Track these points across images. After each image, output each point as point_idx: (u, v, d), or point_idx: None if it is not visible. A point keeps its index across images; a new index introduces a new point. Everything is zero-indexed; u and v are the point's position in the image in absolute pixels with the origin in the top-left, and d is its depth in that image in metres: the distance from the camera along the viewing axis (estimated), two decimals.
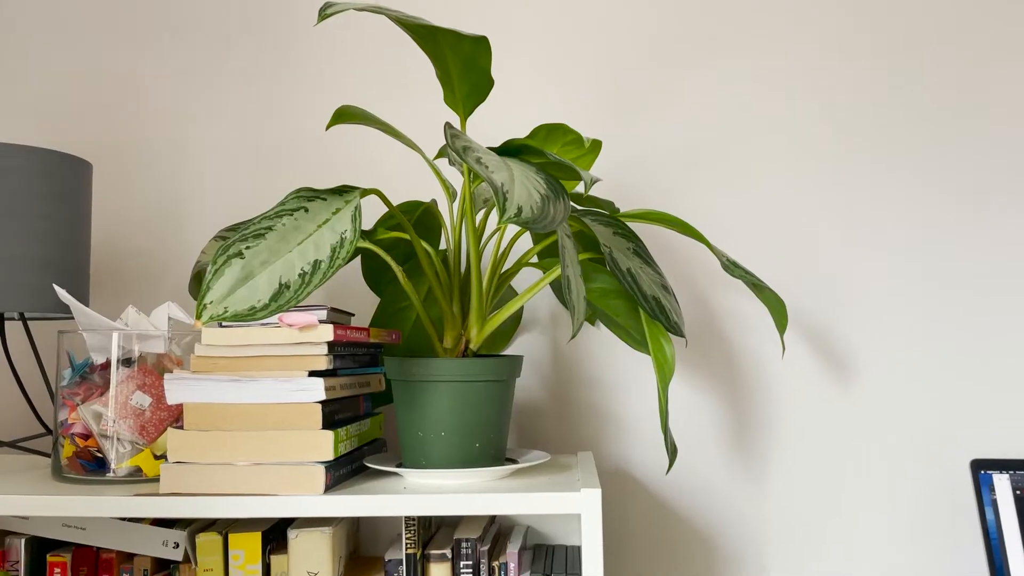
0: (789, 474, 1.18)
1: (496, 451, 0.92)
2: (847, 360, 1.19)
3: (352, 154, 1.25)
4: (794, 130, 1.22)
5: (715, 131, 1.22)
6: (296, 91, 1.26)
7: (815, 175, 1.21)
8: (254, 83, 1.26)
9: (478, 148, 0.79)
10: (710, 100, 1.23)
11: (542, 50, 1.25)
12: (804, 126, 1.22)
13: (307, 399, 0.85)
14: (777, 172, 1.22)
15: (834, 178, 1.21)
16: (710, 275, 1.21)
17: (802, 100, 1.22)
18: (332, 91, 1.26)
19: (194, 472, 0.85)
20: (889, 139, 1.21)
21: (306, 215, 0.76)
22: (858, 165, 1.21)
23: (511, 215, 0.70)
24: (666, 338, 0.93)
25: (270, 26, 1.27)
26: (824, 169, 1.21)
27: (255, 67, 1.26)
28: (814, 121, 1.22)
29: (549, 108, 1.24)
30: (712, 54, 1.23)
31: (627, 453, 1.19)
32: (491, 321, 0.93)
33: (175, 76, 1.27)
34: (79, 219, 1.04)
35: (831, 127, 1.22)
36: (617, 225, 0.96)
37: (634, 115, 1.23)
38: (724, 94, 1.23)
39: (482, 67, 0.85)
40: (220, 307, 0.68)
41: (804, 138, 1.22)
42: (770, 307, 0.99)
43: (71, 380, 0.95)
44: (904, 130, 1.21)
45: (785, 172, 1.22)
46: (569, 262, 0.84)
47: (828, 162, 1.22)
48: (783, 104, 1.22)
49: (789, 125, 1.22)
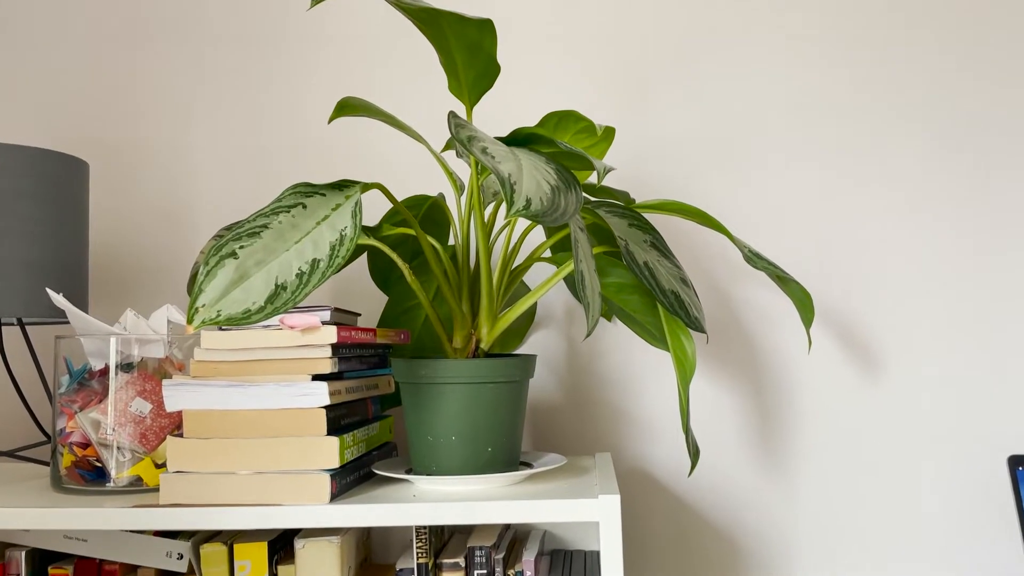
0: (816, 473, 1.13)
1: (510, 455, 0.88)
2: (875, 353, 1.14)
3: (356, 149, 1.21)
4: (816, 117, 1.17)
5: (732, 118, 1.18)
6: (297, 86, 1.22)
7: (839, 162, 1.16)
8: (254, 79, 1.23)
9: (484, 138, 0.75)
10: (727, 85, 1.18)
11: (551, 34, 1.20)
12: (826, 112, 1.17)
13: (311, 404, 0.81)
14: (798, 159, 1.17)
15: (858, 166, 1.16)
16: (729, 267, 1.16)
17: (825, 85, 1.17)
18: (333, 85, 1.22)
19: (195, 482, 0.81)
20: (917, 125, 1.16)
21: (304, 212, 0.72)
22: (883, 152, 1.16)
23: (520, 208, 0.66)
24: (686, 334, 0.89)
25: (268, 20, 1.23)
26: (848, 157, 1.16)
27: (255, 62, 1.23)
28: (837, 107, 1.17)
29: (559, 95, 1.19)
30: (729, 38, 1.18)
31: (646, 453, 1.15)
32: (502, 319, 0.89)
33: (173, 72, 1.23)
34: (76, 220, 1.01)
35: (856, 114, 1.17)
36: (633, 216, 0.92)
37: (647, 102, 1.18)
38: (742, 79, 1.18)
39: (488, 52, 0.80)
40: (213, 311, 0.64)
41: (826, 125, 1.17)
42: (795, 300, 0.94)
43: (69, 387, 0.92)
44: (932, 115, 1.16)
45: (806, 160, 1.16)
46: (583, 256, 0.79)
47: (852, 149, 1.16)
48: (804, 90, 1.17)
49: (810, 111, 1.17)
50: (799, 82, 1.17)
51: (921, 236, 1.15)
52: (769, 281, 1.16)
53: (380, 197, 1.20)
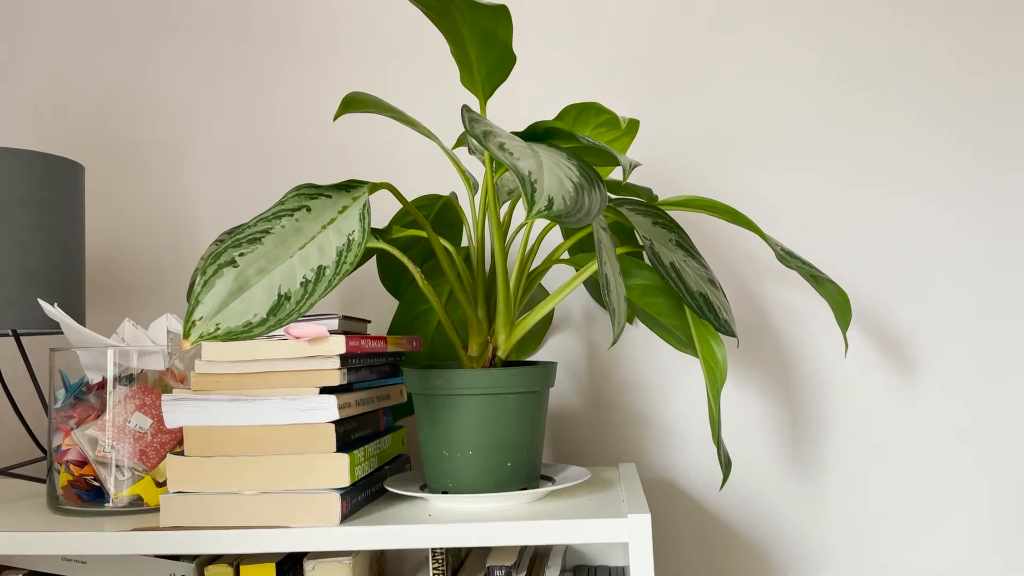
0: (852, 482, 1.07)
1: (530, 470, 0.83)
2: (911, 356, 1.08)
3: (363, 147, 1.16)
4: (843, 110, 1.11)
5: (757, 108, 1.12)
6: (301, 83, 1.17)
7: (870, 160, 1.11)
8: (256, 77, 1.18)
9: (500, 133, 0.69)
10: (751, 75, 1.12)
11: (567, 22, 1.15)
12: (855, 105, 1.11)
13: (318, 419, 0.76)
14: (826, 152, 1.11)
15: (892, 160, 1.10)
16: (756, 265, 1.11)
17: (854, 74, 1.11)
18: (340, 81, 1.17)
19: (197, 503, 0.76)
20: (949, 113, 1.10)
21: (308, 215, 0.67)
22: (915, 140, 1.10)
23: (541, 208, 0.61)
24: (716, 339, 0.83)
25: (271, 16, 1.18)
26: (881, 152, 1.10)
27: (257, 60, 1.18)
28: (867, 100, 1.11)
29: (577, 87, 1.14)
30: (752, 28, 1.13)
31: (672, 462, 1.09)
32: (520, 326, 0.84)
33: (172, 70, 1.18)
34: (71, 225, 0.96)
35: (889, 106, 1.11)
36: (657, 214, 0.86)
37: (669, 93, 1.13)
38: (766, 68, 1.12)
39: (502, 42, 0.75)
40: (211, 324, 0.59)
41: (855, 119, 1.11)
42: (831, 301, 0.89)
43: (65, 402, 0.87)
44: (966, 103, 1.10)
45: (835, 152, 1.11)
46: (607, 258, 0.74)
47: (886, 144, 1.10)
48: (832, 79, 1.12)
49: (836, 105, 1.11)
50: (826, 69, 1.12)
51: (958, 235, 1.09)
52: (798, 281, 1.10)
53: (390, 197, 1.15)
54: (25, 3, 1.21)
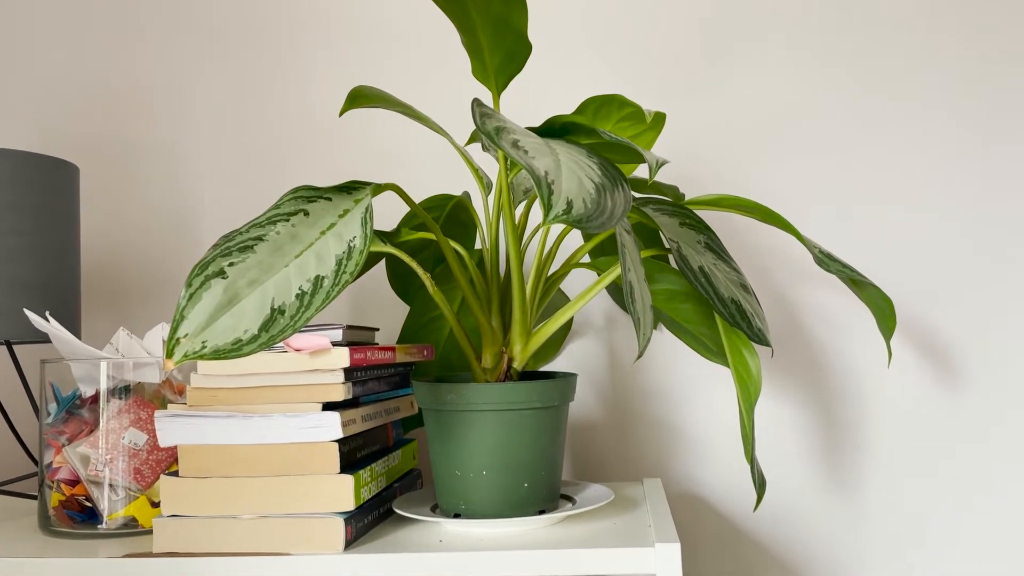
0: (892, 497, 1.01)
1: (549, 491, 0.77)
2: (956, 364, 1.01)
3: (371, 145, 1.10)
4: (879, 100, 1.04)
5: (790, 100, 1.05)
6: (306, 79, 1.12)
7: (902, 160, 1.04)
8: (259, 73, 1.12)
9: (514, 129, 0.64)
10: (785, 64, 1.06)
11: (587, 10, 1.08)
12: (891, 94, 1.04)
13: (321, 437, 0.71)
14: (864, 147, 1.04)
15: (933, 152, 1.03)
16: (789, 268, 1.04)
17: (888, 64, 1.04)
18: (344, 76, 1.11)
19: (192, 528, 0.71)
20: (994, 101, 1.03)
21: (306, 220, 0.62)
22: (956, 133, 1.03)
23: (559, 212, 0.55)
24: (749, 348, 0.77)
25: (272, 9, 1.13)
26: (918, 149, 1.04)
27: (259, 54, 1.12)
28: (906, 92, 1.04)
29: (597, 80, 1.08)
30: (781, 18, 1.06)
31: (699, 474, 1.03)
32: (537, 335, 0.78)
33: (170, 66, 1.13)
34: (65, 230, 0.92)
35: (926, 98, 1.04)
36: (685, 214, 0.80)
37: (694, 85, 1.07)
38: (800, 57, 1.05)
39: (517, 29, 0.69)
40: (196, 342, 0.54)
41: (890, 108, 1.04)
42: (873, 307, 0.82)
43: (56, 416, 0.82)
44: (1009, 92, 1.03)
45: (873, 146, 1.04)
46: (631, 264, 0.68)
47: (922, 140, 1.04)
48: (867, 70, 1.05)
49: (874, 94, 1.04)
50: (860, 60, 1.05)
51: (1008, 236, 1.02)
52: (831, 284, 1.04)
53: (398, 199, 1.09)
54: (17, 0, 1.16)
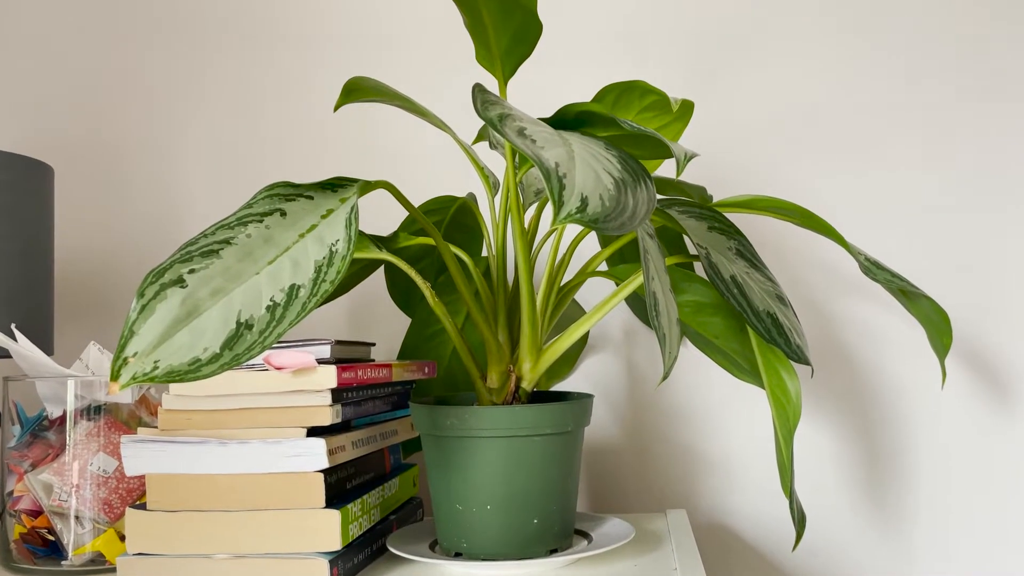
0: (940, 530, 0.92)
1: (561, 527, 0.69)
2: (1012, 385, 0.92)
3: (368, 144, 1.03)
4: (921, 96, 0.96)
5: (830, 92, 0.97)
6: (298, 73, 1.04)
7: (952, 159, 0.95)
8: (247, 67, 1.05)
9: (521, 116, 0.56)
10: (820, 52, 0.97)
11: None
12: (934, 90, 0.96)
13: (304, 467, 0.63)
14: (909, 144, 0.95)
15: (982, 156, 0.94)
16: (828, 278, 0.95)
17: (930, 58, 0.96)
18: (338, 71, 1.04)
19: (160, 568, 0.64)
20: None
21: (282, 221, 0.54)
22: (1011, 126, 0.94)
23: (572, 210, 0.47)
24: (787, 368, 0.68)
25: (260, 2, 1.06)
26: (971, 147, 0.95)
27: (247, 49, 1.05)
28: (949, 89, 0.95)
29: (616, 66, 1.00)
30: (812, 7, 0.98)
31: (728, 504, 0.94)
32: (548, 351, 0.70)
33: (151, 61, 1.06)
34: (37, 234, 0.84)
35: (974, 94, 0.95)
36: (714, 217, 0.72)
37: (722, 74, 0.98)
38: (840, 45, 0.97)
39: (525, 7, 0.61)
40: (147, 361, 0.46)
41: (935, 104, 0.95)
42: (925, 321, 0.73)
43: (20, 440, 0.75)
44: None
45: (920, 144, 0.95)
46: (655, 272, 0.60)
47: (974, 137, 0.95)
48: (911, 63, 0.96)
49: (917, 90, 0.96)
50: (905, 51, 0.96)
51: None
52: (877, 297, 0.95)
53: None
54: None
